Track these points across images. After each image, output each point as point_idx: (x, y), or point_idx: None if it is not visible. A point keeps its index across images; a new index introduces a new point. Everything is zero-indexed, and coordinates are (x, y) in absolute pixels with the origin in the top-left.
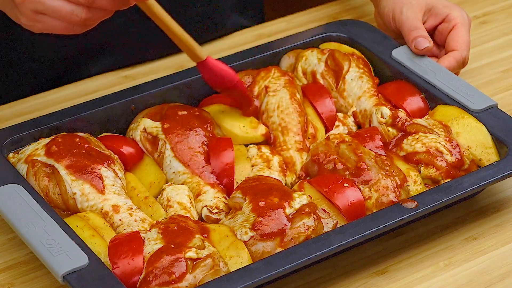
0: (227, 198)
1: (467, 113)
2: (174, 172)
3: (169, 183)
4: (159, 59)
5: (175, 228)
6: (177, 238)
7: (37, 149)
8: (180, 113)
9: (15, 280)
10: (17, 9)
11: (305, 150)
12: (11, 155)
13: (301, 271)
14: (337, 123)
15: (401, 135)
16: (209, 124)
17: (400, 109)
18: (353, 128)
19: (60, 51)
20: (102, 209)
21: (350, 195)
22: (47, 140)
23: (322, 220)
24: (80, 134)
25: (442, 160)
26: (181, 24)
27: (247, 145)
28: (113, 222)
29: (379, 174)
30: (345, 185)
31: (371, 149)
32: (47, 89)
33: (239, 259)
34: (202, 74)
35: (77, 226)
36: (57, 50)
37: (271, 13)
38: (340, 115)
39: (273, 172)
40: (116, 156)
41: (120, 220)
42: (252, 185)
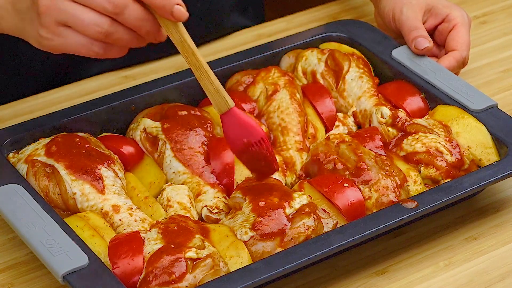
0: (227, 198)
1: (467, 113)
2: (174, 172)
3: (169, 183)
4: (159, 59)
5: (175, 228)
6: (177, 238)
7: (37, 149)
8: (180, 113)
9: (15, 280)
10: (38, 20)
11: (305, 150)
12: (11, 155)
13: (301, 271)
14: (337, 123)
15: (401, 135)
16: (209, 124)
17: (400, 109)
18: (353, 128)
19: None
20: (102, 209)
21: (350, 195)
22: (47, 140)
23: (322, 220)
24: (80, 134)
25: (442, 160)
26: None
27: None
28: (113, 222)
29: (379, 174)
30: (345, 185)
31: (371, 149)
32: (47, 89)
33: (239, 259)
34: (224, 126)
35: (77, 226)
36: None
37: (271, 13)
38: (340, 115)
39: None
40: (116, 156)
41: (120, 220)
42: (252, 185)
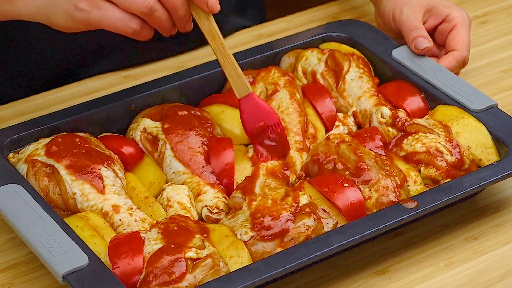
0: (227, 198)
1: (467, 113)
2: (174, 172)
3: (169, 183)
4: (159, 60)
5: (175, 228)
6: (177, 238)
7: (37, 149)
8: (180, 113)
9: (15, 280)
10: None
11: (305, 150)
12: (11, 155)
13: (301, 271)
14: (337, 123)
15: (401, 135)
16: (209, 124)
17: (400, 109)
18: (353, 128)
19: (60, 51)
20: (102, 209)
21: (350, 195)
22: (47, 140)
23: (322, 220)
24: (80, 134)
25: (442, 160)
26: None
27: (247, 145)
28: (113, 222)
29: (379, 174)
30: (345, 185)
31: (371, 149)
32: (47, 89)
33: (239, 259)
34: (242, 110)
35: (77, 226)
36: (57, 50)
37: (271, 13)
38: (340, 115)
39: None
40: (116, 156)
41: (120, 220)
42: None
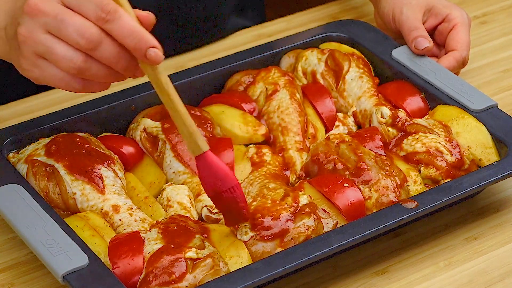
0: None
1: (467, 113)
2: (174, 172)
3: (169, 183)
4: None
5: (175, 228)
6: (177, 238)
7: (37, 149)
8: None
9: (15, 280)
10: (19, 50)
11: (305, 150)
12: (11, 155)
13: (301, 271)
14: (337, 123)
15: (401, 135)
16: (209, 124)
17: (400, 109)
18: (353, 128)
19: None
20: (102, 209)
21: (350, 195)
22: (47, 140)
23: (322, 220)
24: (80, 134)
25: (442, 160)
26: (181, 27)
27: (247, 145)
28: (113, 222)
29: (379, 174)
30: (345, 185)
31: (371, 149)
32: (47, 89)
33: (239, 259)
34: (198, 169)
35: (77, 226)
36: None
37: (271, 13)
38: (340, 115)
39: None
40: (116, 156)
41: (120, 220)
42: None
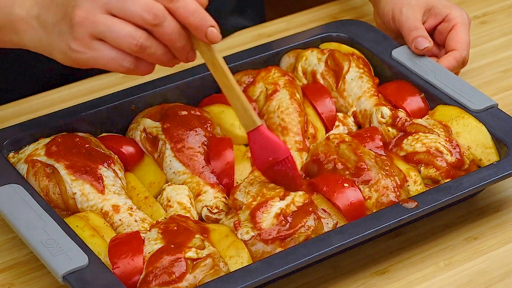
0: (227, 198)
1: (467, 113)
2: (174, 172)
3: (169, 183)
4: None
5: (175, 228)
6: (177, 238)
7: (37, 149)
8: (180, 113)
9: (15, 280)
10: (71, 32)
11: (305, 150)
12: (11, 155)
13: (301, 271)
14: (337, 123)
15: (401, 135)
16: (209, 124)
17: (400, 109)
18: (353, 128)
19: None
20: (102, 209)
21: (350, 195)
22: (47, 140)
23: (322, 220)
24: (80, 134)
25: (442, 160)
26: None
27: (247, 145)
28: (113, 222)
29: (379, 174)
30: (345, 185)
31: (371, 149)
32: (47, 89)
33: (239, 259)
34: (251, 144)
35: (77, 226)
36: None
37: (271, 13)
38: (340, 115)
39: None
40: (116, 156)
41: (120, 220)
42: None
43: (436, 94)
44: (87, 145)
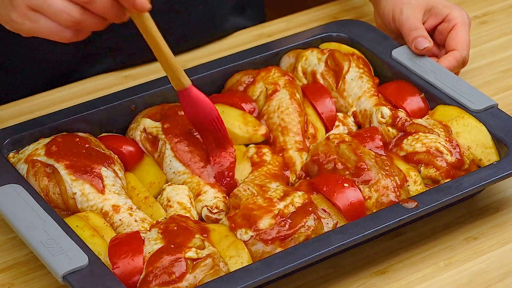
0: (227, 198)
1: (467, 113)
2: (174, 172)
3: (169, 183)
4: None
5: (175, 228)
6: (177, 238)
7: (37, 149)
8: (180, 113)
9: (15, 280)
10: (10, 3)
11: (305, 150)
12: (11, 155)
13: (301, 271)
14: (337, 123)
15: (401, 135)
16: None
17: (400, 109)
18: (353, 128)
19: (60, 52)
20: (102, 209)
21: (350, 195)
22: (47, 140)
23: (322, 220)
24: (80, 134)
25: (442, 160)
26: (181, 27)
27: (247, 145)
28: (113, 222)
29: (379, 174)
30: (345, 185)
31: (371, 149)
32: (47, 89)
33: (239, 259)
34: (181, 103)
35: (77, 226)
36: (57, 50)
37: (271, 13)
38: (340, 115)
39: None
40: (116, 156)
41: (120, 220)
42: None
43: (436, 94)
44: (87, 145)
